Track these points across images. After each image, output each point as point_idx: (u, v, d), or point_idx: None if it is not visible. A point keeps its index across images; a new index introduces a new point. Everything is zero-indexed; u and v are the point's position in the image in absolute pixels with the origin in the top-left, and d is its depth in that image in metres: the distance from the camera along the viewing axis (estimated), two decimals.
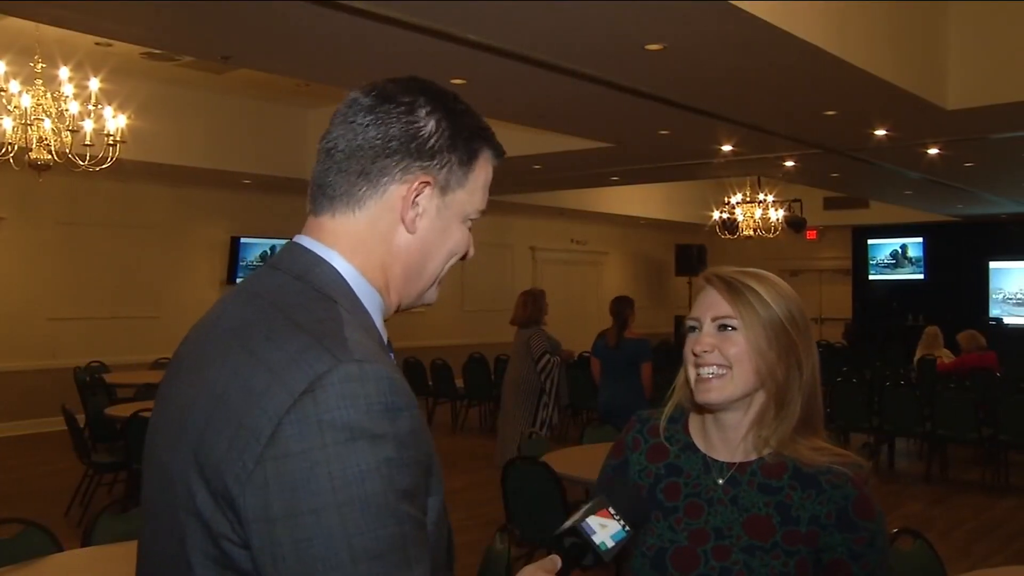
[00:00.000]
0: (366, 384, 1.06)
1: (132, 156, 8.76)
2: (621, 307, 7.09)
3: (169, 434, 1.16)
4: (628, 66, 6.46)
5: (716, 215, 14.67)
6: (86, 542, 3.56)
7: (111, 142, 7.42)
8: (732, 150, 9.95)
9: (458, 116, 1.28)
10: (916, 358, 11.29)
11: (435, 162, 1.24)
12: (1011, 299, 18.21)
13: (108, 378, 9.40)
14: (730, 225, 14.63)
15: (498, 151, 1.35)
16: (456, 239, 1.31)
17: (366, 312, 1.21)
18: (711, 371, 1.68)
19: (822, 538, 1.63)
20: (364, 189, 1.23)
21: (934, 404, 8.69)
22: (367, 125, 1.22)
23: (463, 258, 1.35)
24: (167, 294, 12.15)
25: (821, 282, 20.73)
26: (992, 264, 18.24)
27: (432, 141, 1.24)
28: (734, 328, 1.68)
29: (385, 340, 1.24)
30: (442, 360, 12.03)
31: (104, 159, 7.49)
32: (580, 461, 4.94)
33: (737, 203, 14.62)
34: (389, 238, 1.24)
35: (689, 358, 1.73)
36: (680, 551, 1.70)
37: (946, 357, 10.84)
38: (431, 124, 1.24)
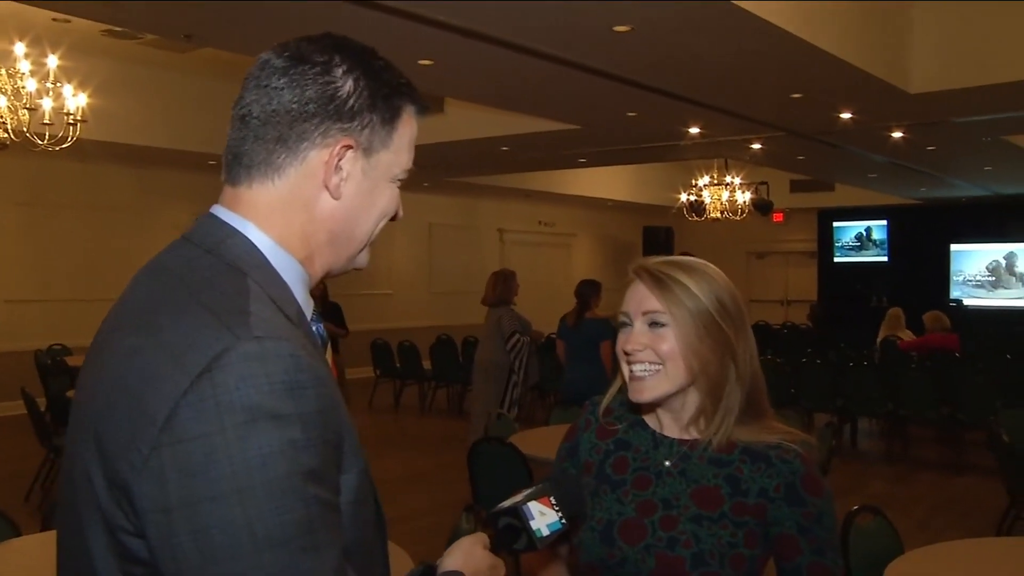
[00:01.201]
0: (267, 362, 1.01)
1: (93, 136, 8.66)
2: (585, 290, 7.13)
3: (76, 422, 1.12)
4: (596, 47, 6.48)
5: (683, 197, 14.72)
6: (46, 526, 3.53)
7: (71, 121, 7.30)
8: (699, 132, 10.00)
9: (377, 73, 1.22)
10: (879, 339, 11.43)
11: (356, 123, 1.19)
12: (971, 281, 18.52)
13: (70, 361, 9.33)
14: (697, 207, 14.69)
15: (421, 106, 1.29)
16: (385, 201, 1.26)
17: (283, 285, 1.16)
18: (644, 369, 1.69)
19: (770, 511, 1.64)
20: (283, 156, 1.17)
21: (896, 385, 8.82)
22: (282, 88, 1.16)
23: (393, 219, 1.30)
24: (130, 277, 12.01)
25: (787, 264, 20.92)
26: (953, 247, 18.53)
27: (351, 101, 1.18)
28: (663, 324, 1.68)
29: (308, 313, 1.21)
30: (409, 342, 12.03)
31: (64, 139, 7.38)
32: (547, 442, 4.95)
33: (704, 185, 14.67)
34: (312, 205, 1.19)
35: (621, 355, 1.73)
36: (627, 523, 1.71)
37: (909, 338, 10.98)
38: (349, 83, 1.18)
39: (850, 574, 3.15)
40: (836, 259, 20.07)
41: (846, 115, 8.92)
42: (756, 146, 11.27)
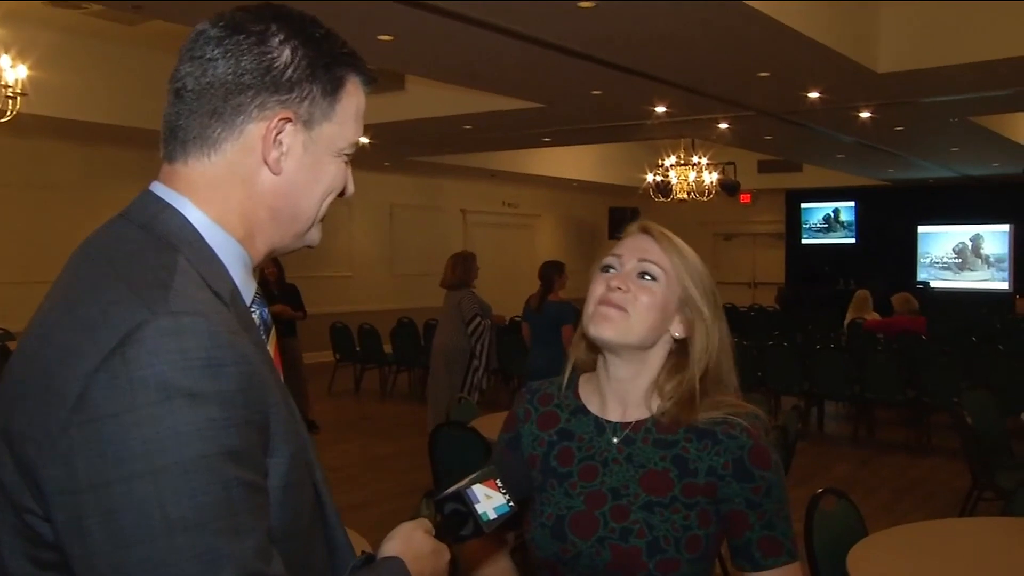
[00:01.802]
0: (183, 338, 0.98)
1: (35, 110, 8.46)
2: (549, 271, 7.14)
3: None
4: (560, 23, 6.46)
5: (650, 177, 14.78)
6: None
7: (10, 94, 7.14)
8: (666, 111, 10.03)
9: (317, 42, 1.18)
10: (846, 322, 11.56)
11: (295, 95, 1.16)
12: (938, 263, 18.78)
13: (12, 346, 9.21)
14: (663, 188, 14.75)
15: (367, 77, 1.25)
16: (330, 176, 1.23)
17: (217, 263, 1.13)
18: (615, 310, 1.67)
19: (720, 489, 1.64)
20: (219, 131, 1.14)
21: (862, 367, 8.93)
22: (216, 59, 1.13)
23: (342, 195, 1.27)
24: None
25: (755, 246, 21.06)
26: (920, 228, 18.79)
27: (289, 72, 1.15)
28: (654, 278, 1.69)
29: (249, 294, 1.19)
30: (370, 325, 12.00)
31: (3, 112, 7.23)
32: None
33: (671, 165, 14.74)
34: (251, 182, 1.17)
35: (596, 293, 1.71)
36: (578, 516, 1.70)
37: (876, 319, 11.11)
38: (286, 53, 1.15)
39: (813, 558, 3.20)
40: (804, 241, 20.25)
41: (814, 94, 8.99)
42: (723, 126, 11.33)
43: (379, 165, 14.84)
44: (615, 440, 1.73)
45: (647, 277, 1.69)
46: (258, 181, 1.17)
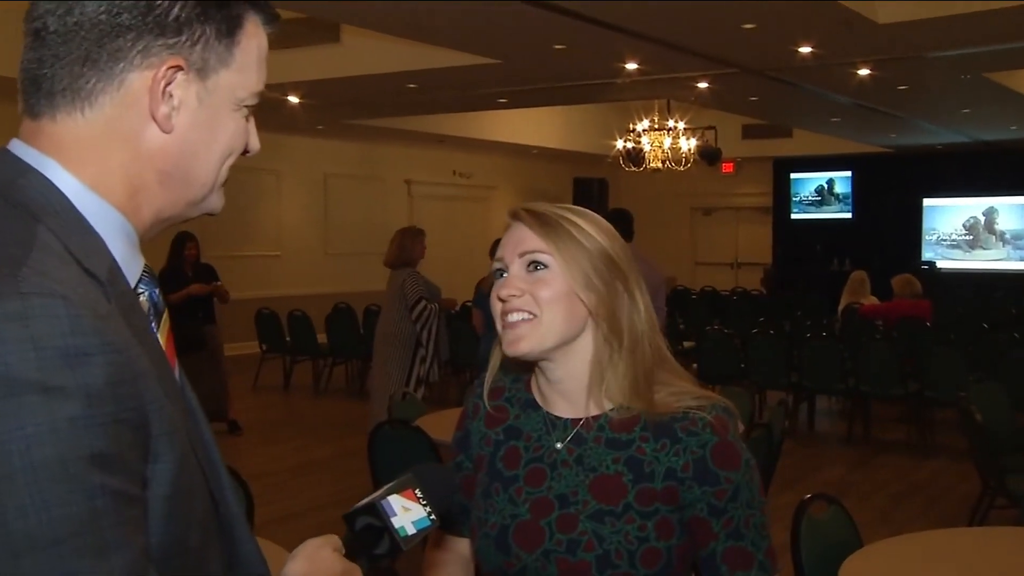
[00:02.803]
0: (32, 323, 0.93)
1: None
2: None
3: None
4: None
5: (620, 144, 14.81)
6: None
7: None
8: (638, 69, 10.03)
9: None
10: (840, 307, 11.64)
11: (184, 38, 1.11)
12: (945, 240, 18.87)
13: None
14: (635, 156, 14.79)
15: (268, 14, 1.21)
16: (230, 133, 1.18)
17: (91, 235, 1.08)
18: (519, 316, 1.66)
19: (681, 494, 1.62)
20: (93, 81, 1.08)
21: (858, 358, 9.01)
22: None
23: (245, 153, 1.22)
24: None
25: (738, 221, 21.19)
26: (926, 201, 18.89)
27: (176, 11, 1.10)
28: (545, 266, 1.66)
29: (135, 272, 1.15)
30: (301, 311, 11.94)
31: None
32: None
33: (644, 131, 14.77)
34: (136, 141, 1.11)
35: (496, 307, 1.70)
36: (523, 526, 1.69)
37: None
38: None
39: (801, 572, 3.21)
40: (794, 216, 20.42)
41: (805, 49, 9.02)
42: (703, 85, 11.36)
43: (311, 129, 14.74)
44: (564, 439, 1.72)
45: (539, 267, 1.66)
46: (144, 140, 1.12)
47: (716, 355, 9.84)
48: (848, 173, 19.79)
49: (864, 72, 10.23)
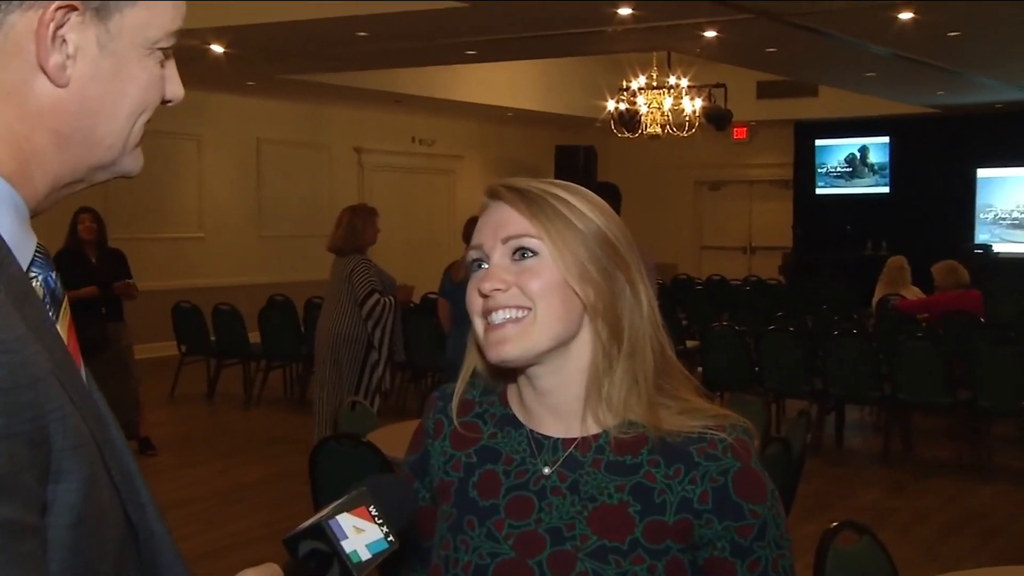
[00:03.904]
0: None
1: None
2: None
3: None
4: None
5: (611, 106, 14.83)
6: None
7: None
8: (632, 14, 10.02)
9: None
10: (875, 299, 11.67)
11: None
12: (1005, 219, 18.83)
13: None
14: (629, 120, 14.82)
15: None
16: (141, 83, 1.17)
17: None
18: (506, 315, 1.64)
19: (697, 530, 1.62)
20: None
21: (896, 360, 9.03)
22: None
23: (166, 103, 1.21)
24: None
25: (752, 198, 21.27)
26: (980, 172, 18.89)
27: None
28: (534, 253, 1.64)
29: (27, 251, 1.14)
30: (229, 305, 11.93)
31: None
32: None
33: (639, 89, 14.80)
34: (22, 96, 1.11)
35: (475, 304, 1.68)
36: (506, 566, 1.68)
37: (915, 297, 11.20)
38: None
39: None
40: (819, 190, 20.49)
41: None
42: (710, 34, 11.36)
43: (240, 85, 14.70)
44: (552, 463, 1.71)
45: (526, 255, 1.65)
46: (33, 95, 1.11)
47: (724, 356, 9.85)
48: (885, 139, 19.87)
49: (906, 16, 10.22)
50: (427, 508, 1.82)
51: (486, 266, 1.67)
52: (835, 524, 3.41)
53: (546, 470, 1.70)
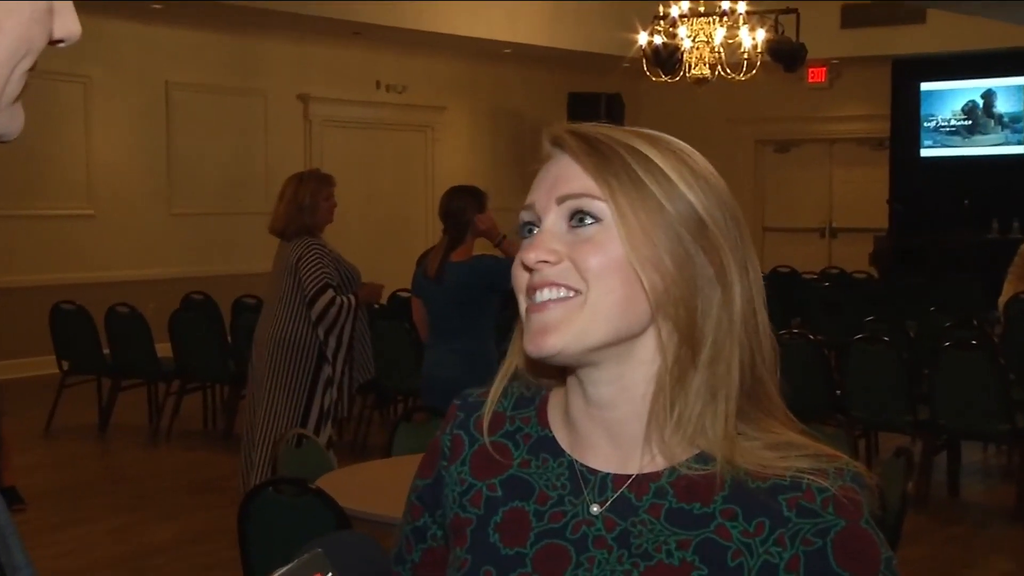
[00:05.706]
0: None
1: None
2: (459, 206, 7.16)
3: None
4: None
5: (643, 39, 14.86)
6: None
7: None
8: None
9: None
10: (1003, 300, 11.70)
11: None
12: None
13: None
14: (667, 58, 14.85)
15: None
16: (19, 25, 1.16)
17: None
18: (550, 294, 1.64)
19: None
20: None
21: None
22: None
23: (57, 43, 1.22)
24: None
25: (832, 162, 21.34)
26: None
27: None
28: (596, 220, 1.64)
29: None
30: (128, 307, 11.95)
31: None
32: (388, 486, 4.97)
33: (681, 17, 14.83)
34: None
35: (519, 280, 1.69)
36: None
37: None
38: None
39: None
40: (925, 152, 20.55)
41: None
42: None
43: (143, 8, 14.74)
44: (599, 504, 1.71)
45: (587, 220, 1.65)
46: None
47: (795, 375, 9.81)
48: (1019, 80, 19.87)
49: None
50: (438, 549, 1.85)
51: (536, 231, 1.68)
52: None
53: (594, 509, 1.69)
